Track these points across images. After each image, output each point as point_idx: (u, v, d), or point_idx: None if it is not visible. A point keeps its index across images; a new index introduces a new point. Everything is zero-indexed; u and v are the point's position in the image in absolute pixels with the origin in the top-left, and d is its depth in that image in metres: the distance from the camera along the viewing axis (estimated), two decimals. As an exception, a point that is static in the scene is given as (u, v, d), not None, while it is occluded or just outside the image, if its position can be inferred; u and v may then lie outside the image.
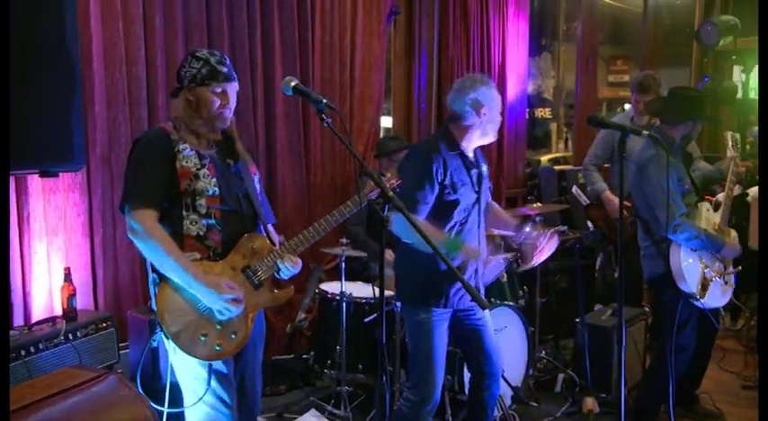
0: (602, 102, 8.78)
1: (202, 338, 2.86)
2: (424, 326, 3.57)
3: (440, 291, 3.54)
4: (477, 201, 3.65)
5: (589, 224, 5.69)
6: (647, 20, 8.20)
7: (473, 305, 3.66)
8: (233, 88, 3.00)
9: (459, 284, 3.51)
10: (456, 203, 3.53)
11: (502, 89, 6.87)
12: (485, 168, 3.78)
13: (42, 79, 2.88)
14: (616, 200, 5.31)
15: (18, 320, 3.98)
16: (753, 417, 4.58)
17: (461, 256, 3.51)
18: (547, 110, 9.03)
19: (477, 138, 3.64)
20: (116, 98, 4.35)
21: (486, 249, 3.80)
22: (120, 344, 4.23)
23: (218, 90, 2.94)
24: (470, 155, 3.67)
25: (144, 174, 2.87)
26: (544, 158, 8.43)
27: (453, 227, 3.57)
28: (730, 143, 4.39)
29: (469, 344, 3.80)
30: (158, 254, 2.80)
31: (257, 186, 3.16)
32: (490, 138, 3.68)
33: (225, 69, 2.96)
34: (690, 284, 4.12)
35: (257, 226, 3.08)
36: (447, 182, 3.51)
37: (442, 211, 3.53)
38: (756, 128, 4.44)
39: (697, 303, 4.17)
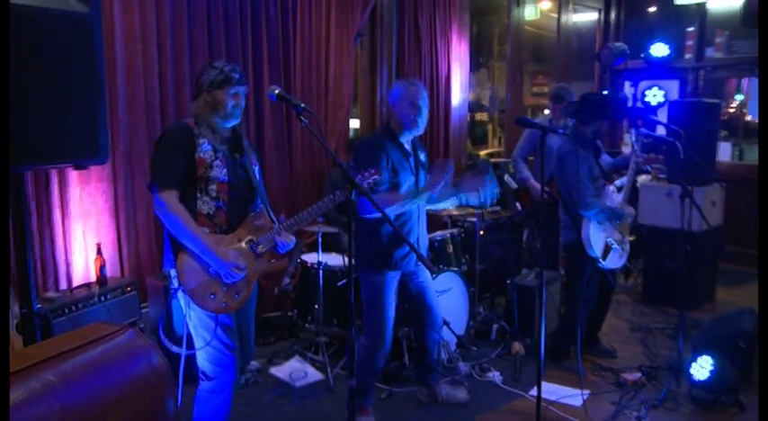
0: (528, 108, 8.85)
1: (212, 296, 2.88)
2: (377, 286, 3.60)
3: (389, 256, 3.56)
4: (416, 183, 3.64)
5: (518, 205, 5.78)
6: (561, 43, 8.29)
7: (417, 269, 3.73)
8: (243, 91, 3.01)
9: (404, 251, 3.58)
10: (398, 184, 3.54)
11: (447, 97, 6.91)
12: (422, 156, 3.76)
13: (75, 91, 2.89)
14: (538, 186, 5.42)
15: (62, 285, 4.06)
16: (637, 353, 4.79)
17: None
18: (484, 114, 9.08)
19: (405, 128, 3.58)
20: (135, 106, 4.37)
21: (425, 225, 3.79)
22: (142, 305, 4.27)
23: (232, 92, 2.94)
24: (407, 146, 3.65)
25: (169, 160, 2.87)
26: (482, 152, 8.48)
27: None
28: (634, 139, 4.49)
29: (415, 300, 3.84)
30: (178, 226, 2.81)
31: (258, 175, 3.17)
32: (412, 129, 3.58)
33: (237, 75, 2.97)
34: (595, 250, 4.24)
35: (256, 207, 3.09)
36: (389, 167, 3.52)
37: (389, 190, 3.53)
38: (643, 129, 4.54)
39: (599, 265, 4.30)
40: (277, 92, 2.79)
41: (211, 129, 2.97)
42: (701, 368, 3.97)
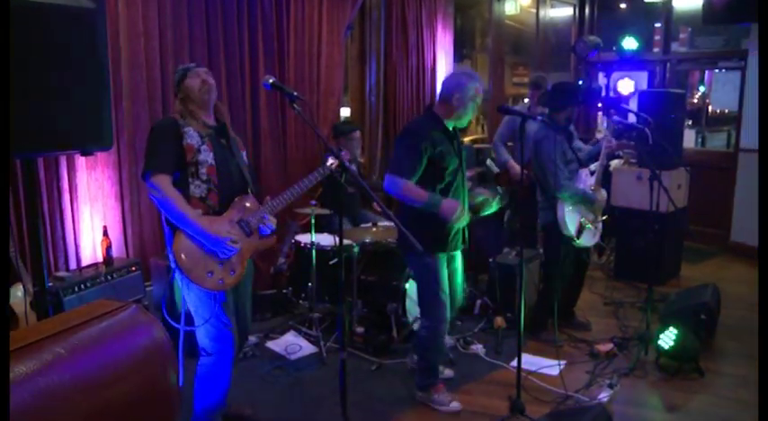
0: (509, 97, 8.82)
1: (209, 274, 2.89)
2: (431, 269, 3.49)
3: (442, 237, 3.49)
4: (460, 165, 3.54)
5: (498, 188, 5.80)
6: (539, 37, 8.29)
7: (455, 252, 3.66)
8: (206, 73, 3.04)
9: (454, 232, 3.51)
10: (445, 168, 3.42)
11: (432, 87, 6.89)
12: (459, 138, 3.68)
13: (81, 82, 2.87)
14: (517, 166, 5.45)
15: (72, 265, 4.06)
16: (610, 325, 4.84)
17: (442, 212, 3.35)
18: (468, 102, 9.05)
19: (455, 118, 3.47)
20: (138, 96, 4.35)
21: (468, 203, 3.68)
22: (146, 283, 4.28)
23: (194, 72, 3.00)
24: (451, 129, 3.52)
25: (159, 149, 2.89)
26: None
27: (445, 185, 3.46)
28: (605, 125, 4.49)
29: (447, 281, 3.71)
30: (173, 209, 2.82)
31: (245, 159, 3.18)
32: (462, 122, 3.51)
33: (193, 64, 3.08)
34: (570, 229, 4.26)
35: (246, 189, 3.09)
36: (436, 152, 3.38)
37: (436, 174, 3.42)
38: (616, 117, 4.55)
39: (574, 243, 4.32)
40: (271, 81, 2.80)
41: (195, 119, 2.98)
42: (667, 338, 4.02)
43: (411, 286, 4.38)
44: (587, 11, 8.39)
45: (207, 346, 3.02)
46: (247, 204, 3.05)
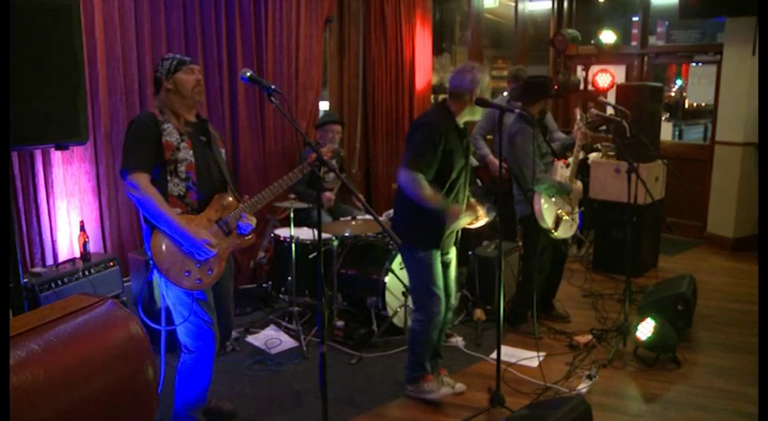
0: (487, 90, 8.88)
1: (186, 274, 2.86)
2: (423, 263, 3.47)
3: (436, 236, 3.45)
4: (466, 163, 3.50)
5: (478, 181, 5.81)
6: (518, 30, 8.30)
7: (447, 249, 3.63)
8: (200, 72, 3.02)
9: (449, 231, 3.48)
10: (453, 165, 3.38)
11: (411, 81, 6.88)
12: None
13: (56, 76, 2.85)
14: (496, 161, 5.44)
15: (48, 261, 4.04)
16: (589, 316, 4.87)
17: (447, 216, 3.33)
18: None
19: (467, 114, 3.44)
20: (115, 89, 4.32)
21: (467, 202, 3.63)
22: (124, 279, 4.24)
23: (188, 68, 2.95)
24: (461, 126, 3.48)
25: (138, 146, 2.84)
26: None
27: (450, 183, 3.41)
28: (578, 117, 4.52)
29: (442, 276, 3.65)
30: (151, 208, 2.78)
31: (224, 158, 3.15)
32: (476, 117, 3.49)
33: (188, 58, 3.01)
34: (547, 222, 4.29)
35: (226, 187, 3.07)
36: (447, 149, 3.34)
37: (443, 171, 3.37)
38: (594, 110, 4.58)
39: (552, 235, 4.35)
40: (249, 74, 2.77)
41: (176, 116, 2.95)
42: (645, 329, 4.06)
43: (392, 280, 4.38)
44: (566, 4, 8.42)
45: (188, 344, 3.01)
46: (226, 203, 3.03)
